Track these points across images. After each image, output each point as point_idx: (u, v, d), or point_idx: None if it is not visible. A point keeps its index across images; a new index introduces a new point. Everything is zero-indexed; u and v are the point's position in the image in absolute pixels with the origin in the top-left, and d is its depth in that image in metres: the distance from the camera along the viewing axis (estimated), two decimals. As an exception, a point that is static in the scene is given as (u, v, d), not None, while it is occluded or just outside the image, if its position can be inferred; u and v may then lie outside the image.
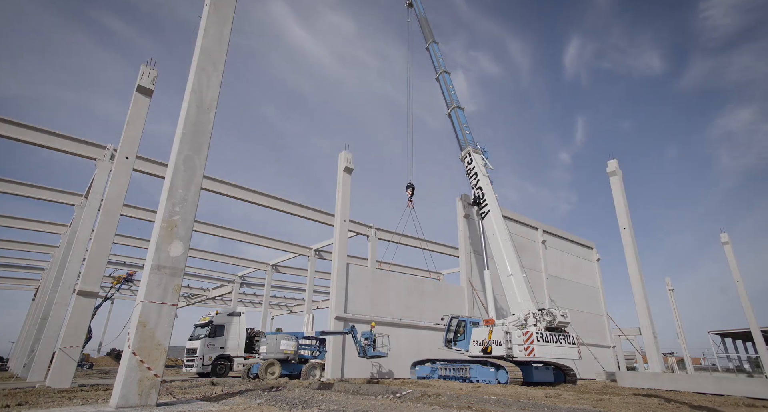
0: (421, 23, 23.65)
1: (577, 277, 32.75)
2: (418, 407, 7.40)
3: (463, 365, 16.44)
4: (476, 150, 20.23)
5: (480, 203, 19.24)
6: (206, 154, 8.06)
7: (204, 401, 7.70)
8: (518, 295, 16.84)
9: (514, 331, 15.48)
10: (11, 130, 15.60)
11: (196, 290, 45.33)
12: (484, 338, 16.16)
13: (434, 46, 22.68)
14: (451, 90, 21.64)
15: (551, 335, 15.34)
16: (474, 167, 19.75)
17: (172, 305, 7.08)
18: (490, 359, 15.41)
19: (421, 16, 23.73)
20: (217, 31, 8.74)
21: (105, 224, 12.98)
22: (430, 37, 22.87)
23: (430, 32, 23.10)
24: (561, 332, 15.78)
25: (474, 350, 16.55)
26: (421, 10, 23.96)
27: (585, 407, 8.63)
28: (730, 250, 33.24)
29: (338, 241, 20.75)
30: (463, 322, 17.91)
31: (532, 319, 15.67)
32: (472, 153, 20.01)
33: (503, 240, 17.96)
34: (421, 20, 23.64)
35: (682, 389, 15.04)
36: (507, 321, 16.51)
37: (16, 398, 8.05)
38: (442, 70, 22.17)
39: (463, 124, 20.79)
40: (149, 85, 13.90)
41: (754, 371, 41.99)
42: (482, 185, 19.29)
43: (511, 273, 17.37)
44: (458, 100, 21.27)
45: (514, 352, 15.00)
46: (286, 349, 17.24)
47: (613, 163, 23.91)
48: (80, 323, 12.41)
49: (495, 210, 18.70)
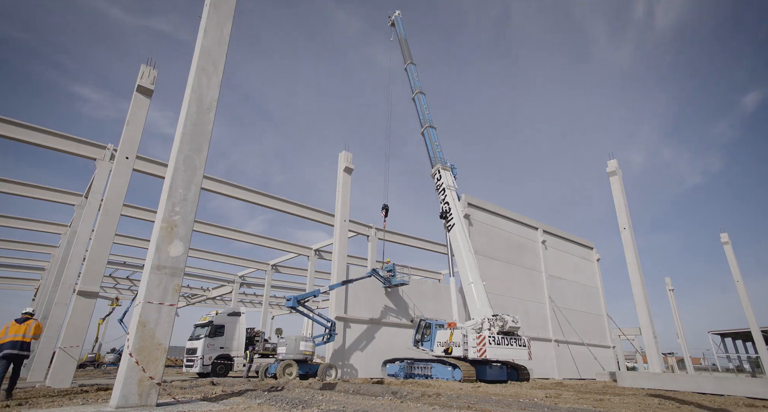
0: (401, 44, 24.79)
1: (577, 277, 32.75)
2: (418, 407, 7.40)
3: (426, 364, 17.82)
4: (445, 167, 21.44)
5: (447, 217, 20.39)
6: (206, 154, 8.05)
7: (204, 401, 7.70)
8: (477, 301, 18.10)
9: (471, 334, 16.86)
10: (11, 130, 15.61)
11: (196, 290, 45.35)
12: (446, 339, 17.62)
13: (411, 67, 23.83)
14: (425, 110, 22.77)
15: (503, 338, 16.71)
16: (442, 183, 20.93)
17: (171, 305, 7.09)
18: (448, 358, 16.75)
19: (401, 37, 24.84)
20: (217, 31, 8.74)
21: (105, 224, 12.99)
22: (408, 59, 24.02)
23: (409, 54, 24.20)
24: (513, 336, 17.10)
25: (437, 350, 17.91)
26: (401, 31, 25.09)
27: (585, 407, 8.62)
28: (730, 250, 33.25)
29: (338, 241, 20.76)
30: (431, 324, 19.25)
31: (487, 323, 16.98)
32: (441, 170, 21.24)
33: (466, 251, 19.22)
34: (401, 41, 24.79)
35: (682, 389, 15.05)
36: (466, 325, 17.80)
37: (16, 398, 8.05)
38: (418, 91, 23.24)
39: (434, 143, 21.99)
40: (149, 85, 13.92)
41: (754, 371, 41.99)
42: (449, 200, 20.45)
43: (472, 281, 18.59)
44: (431, 120, 22.51)
45: (470, 353, 16.43)
46: (305, 350, 17.66)
47: (613, 163, 23.92)
48: (80, 323, 12.41)
49: (459, 224, 19.83)
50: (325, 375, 17.21)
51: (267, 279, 35.87)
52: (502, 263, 26.77)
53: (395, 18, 25.81)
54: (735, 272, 32.74)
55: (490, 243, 26.46)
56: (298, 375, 17.12)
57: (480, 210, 26.72)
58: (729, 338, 51.21)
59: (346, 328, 19.64)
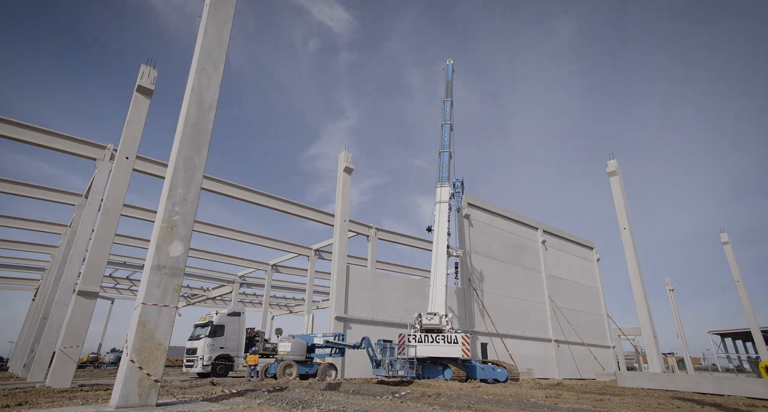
0: (447, 84, 27.60)
1: (577, 277, 32.75)
2: (418, 407, 7.41)
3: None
4: (443, 185, 22.82)
5: (431, 229, 22.00)
6: (206, 154, 8.05)
7: (204, 401, 7.70)
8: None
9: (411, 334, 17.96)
10: (11, 130, 15.61)
11: (196, 290, 45.35)
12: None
13: (447, 103, 26.38)
14: (444, 138, 25.02)
15: (425, 336, 17.57)
16: (440, 200, 22.34)
17: (171, 305, 7.08)
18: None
19: (447, 80, 27.72)
20: (217, 31, 8.75)
21: (105, 224, 12.98)
22: (449, 96, 26.74)
23: (449, 92, 26.98)
24: (439, 333, 17.80)
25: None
26: (449, 74, 28.05)
27: (585, 407, 8.63)
28: (730, 250, 33.25)
29: (338, 241, 20.76)
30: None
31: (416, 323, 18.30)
32: (442, 188, 22.70)
33: (440, 265, 20.70)
34: (447, 82, 27.72)
35: (682, 389, 15.06)
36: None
37: (16, 398, 8.04)
38: (447, 123, 25.57)
39: (444, 165, 23.73)
40: (149, 85, 13.90)
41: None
42: (439, 218, 21.79)
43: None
44: (449, 146, 24.67)
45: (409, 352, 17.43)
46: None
47: (613, 163, 23.92)
48: (80, 323, 12.41)
49: (442, 242, 21.17)
50: (325, 375, 17.22)
51: (267, 279, 35.86)
52: (502, 263, 26.77)
53: (448, 65, 28.71)
54: (735, 272, 32.74)
55: (490, 243, 26.46)
56: (298, 375, 17.13)
57: (480, 210, 26.72)
58: (729, 338, 51.25)
59: (346, 328, 19.64)
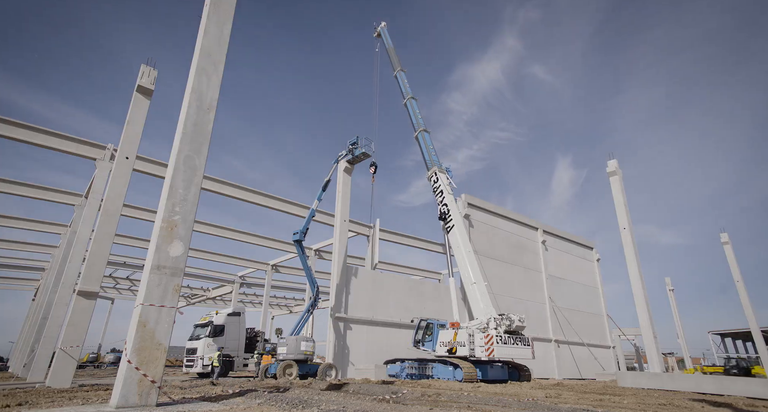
0: (389, 53, 25.13)
1: (577, 277, 32.75)
2: (417, 408, 7.41)
3: (427, 364, 17.73)
4: (441, 169, 21.50)
5: (446, 219, 20.42)
6: (206, 154, 8.05)
7: (204, 401, 7.70)
8: (481, 301, 18.03)
9: (477, 333, 16.76)
10: (11, 130, 15.62)
11: (196, 290, 45.36)
12: (450, 339, 17.45)
13: (401, 74, 24.14)
14: (418, 114, 22.95)
15: (509, 337, 16.69)
16: (440, 185, 20.96)
17: (171, 306, 7.08)
18: (450, 358, 16.68)
19: (389, 46, 25.23)
20: (217, 31, 8.74)
21: (105, 224, 12.98)
22: (398, 66, 24.30)
23: (398, 61, 24.53)
24: (518, 335, 17.12)
25: (440, 350, 17.76)
26: (388, 40, 25.50)
27: (585, 407, 8.63)
28: (730, 250, 33.23)
29: (338, 241, 20.76)
30: (431, 324, 19.21)
31: (493, 323, 16.91)
32: (437, 172, 21.27)
33: (467, 252, 19.15)
34: (389, 50, 25.13)
35: (682, 389, 15.05)
36: (471, 324, 17.66)
37: (16, 398, 8.04)
38: (410, 97, 23.45)
39: (429, 146, 22.09)
40: (149, 86, 13.90)
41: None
42: (447, 202, 20.43)
43: (474, 281, 18.52)
44: (424, 124, 22.67)
45: (476, 352, 16.32)
46: (306, 350, 17.64)
47: (613, 163, 23.92)
48: (80, 323, 12.41)
49: (459, 225, 19.83)
50: (325, 375, 17.21)
51: (267, 279, 35.86)
52: (502, 263, 26.76)
53: (381, 29, 26.27)
54: (735, 272, 32.72)
55: (490, 243, 26.46)
56: (298, 375, 17.14)
57: (480, 210, 26.71)
58: (729, 338, 51.25)
59: (346, 329, 19.63)
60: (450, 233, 20.09)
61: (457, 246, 19.50)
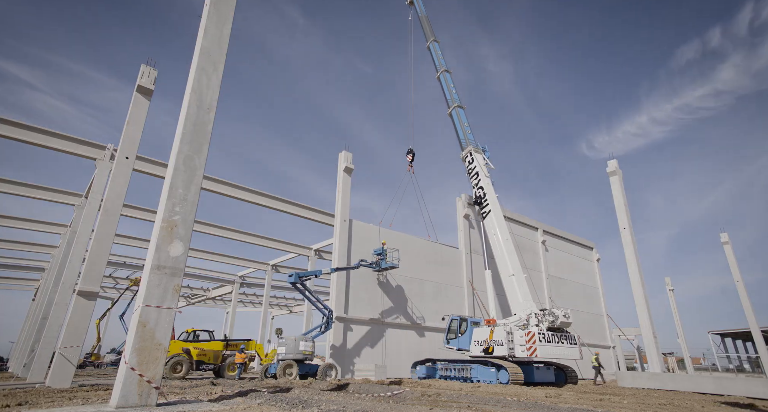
0: (422, 22, 23.44)
1: (577, 277, 32.75)
2: (417, 408, 7.41)
3: (464, 366, 16.39)
4: (477, 149, 20.03)
5: (481, 203, 19.14)
6: (206, 154, 8.05)
7: (204, 401, 7.69)
8: (520, 295, 16.78)
9: (516, 331, 15.40)
10: (11, 130, 15.60)
11: (196, 290, 45.33)
12: (485, 337, 16.06)
13: (435, 45, 22.48)
14: (452, 89, 21.41)
15: (553, 335, 15.28)
16: (475, 167, 19.58)
17: (170, 306, 7.08)
18: (491, 359, 15.34)
19: (422, 15, 23.56)
20: (217, 31, 8.74)
21: (105, 224, 12.98)
22: (431, 36, 22.66)
23: (431, 31, 22.88)
24: (563, 332, 15.69)
25: (475, 349, 16.44)
26: (422, 8, 23.74)
27: (585, 407, 8.63)
28: (730, 250, 33.24)
29: (338, 241, 20.73)
30: (465, 321, 17.97)
31: (534, 319, 15.61)
32: (473, 152, 19.84)
33: (504, 240, 17.90)
34: (422, 19, 23.43)
35: (682, 389, 15.04)
36: (509, 321, 16.40)
37: (16, 398, 8.04)
38: (443, 69, 21.98)
39: (464, 124, 20.58)
40: (149, 85, 13.90)
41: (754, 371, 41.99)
42: (483, 185, 19.16)
43: (512, 273, 17.30)
44: (459, 99, 21.09)
45: (516, 352, 14.92)
46: (305, 350, 17.52)
47: (613, 163, 23.92)
48: (80, 323, 12.40)
49: (496, 210, 18.59)
50: (325, 375, 17.18)
51: (267, 279, 35.83)
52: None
53: None
54: (735, 272, 32.73)
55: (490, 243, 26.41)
56: (298, 375, 17.13)
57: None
58: (729, 338, 51.25)
59: (347, 329, 19.59)
60: (486, 218, 18.68)
61: (493, 234, 18.11)
